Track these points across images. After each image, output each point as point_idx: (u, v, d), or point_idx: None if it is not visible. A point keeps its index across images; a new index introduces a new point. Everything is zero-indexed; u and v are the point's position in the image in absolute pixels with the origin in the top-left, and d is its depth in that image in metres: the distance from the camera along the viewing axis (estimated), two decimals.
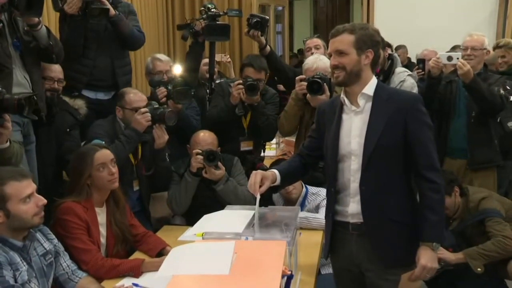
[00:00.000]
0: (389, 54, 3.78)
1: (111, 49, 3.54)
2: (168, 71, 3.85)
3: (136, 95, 3.25)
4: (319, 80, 3.22)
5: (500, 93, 3.53)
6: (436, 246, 2.16)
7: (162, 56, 3.97)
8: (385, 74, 3.69)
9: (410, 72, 3.67)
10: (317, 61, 3.40)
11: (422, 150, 2.16)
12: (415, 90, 3.52)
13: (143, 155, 3.30)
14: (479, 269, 3.12)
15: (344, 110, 2.28)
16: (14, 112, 2.33)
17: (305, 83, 3.27)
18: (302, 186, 3.24)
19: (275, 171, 2.34)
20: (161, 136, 3.21)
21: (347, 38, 2.17)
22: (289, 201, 3.23)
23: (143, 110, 3.13)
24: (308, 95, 3.28)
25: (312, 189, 3.25)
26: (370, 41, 2.19)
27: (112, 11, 3.36)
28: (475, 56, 3.61)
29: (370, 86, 2.22)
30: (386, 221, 2.20)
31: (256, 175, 2.25)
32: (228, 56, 5.14)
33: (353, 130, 2.23)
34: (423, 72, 4.66)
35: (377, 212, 2.20)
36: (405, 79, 3.53)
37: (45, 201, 2.18)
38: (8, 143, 2.40)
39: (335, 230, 2.33)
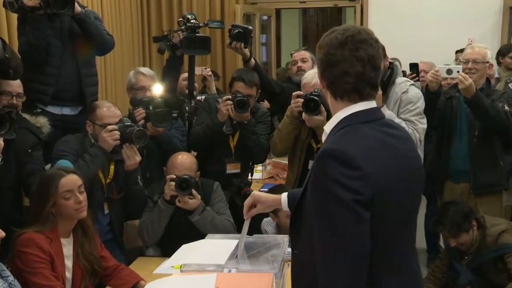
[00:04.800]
0: (390, 63, 3.56)
1: (77, 55, 3.50)
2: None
3: (108, 110, 3.20)
4: (316, 98, 3.09)
5: (504, 109, 3.52)
6: None
7: (146, 70, 3.89)
8: (383, 85, 3.48)
9: (412, 82, 3.59)
10: (316, 75, 3.26)
11: (316, 239, 1.58)
12: (422, 101, 3.41)
13: (116, 175, 3.24)
14: None
15: None
16: None
17: (302, 100, 3.16)
18: None
19: (283, 194, 2.05)
20: (131, 157, 3.14)
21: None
22: (282, 229, 3.14)
23: (110, 127, 3.08)
24: (304, 113, 3.17)
25: None
26: (317, 57, 1.74)
27: (78, 8, 3.32)
28: (477, 69, 3.62)
29: (334, 119, 1.71)
30: None
31: (251, 196, 2.09)
32: (209, 69, 5.15)
33: None
34: (417, 78, 4.69)
35: None
36: (407, 90, 3.40)
37: (3, 234, 2.13)
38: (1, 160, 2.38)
39: None
